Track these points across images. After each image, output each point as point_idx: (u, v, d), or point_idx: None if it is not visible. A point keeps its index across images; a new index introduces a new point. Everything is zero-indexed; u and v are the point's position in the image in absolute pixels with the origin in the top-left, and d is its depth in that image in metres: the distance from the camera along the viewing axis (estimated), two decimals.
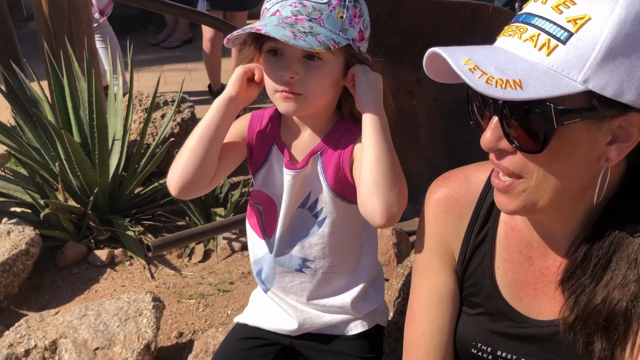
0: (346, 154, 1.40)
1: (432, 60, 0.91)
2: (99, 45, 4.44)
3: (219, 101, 1.40)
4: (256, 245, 1.57)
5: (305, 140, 1.44)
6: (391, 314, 2.10)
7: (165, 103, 3.65)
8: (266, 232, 1.53)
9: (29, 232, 2.66)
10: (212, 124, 1.38)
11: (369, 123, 1.30)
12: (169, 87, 5.15)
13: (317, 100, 1.34)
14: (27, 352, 2.00)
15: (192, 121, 3.60)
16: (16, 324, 2.11)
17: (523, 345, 1.12)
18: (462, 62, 0.85)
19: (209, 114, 1.40)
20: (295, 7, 1.28)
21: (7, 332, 2.09)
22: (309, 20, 1.28)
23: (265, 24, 1.24)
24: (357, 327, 1.57)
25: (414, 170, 2.99)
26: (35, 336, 2.03)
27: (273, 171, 1.47)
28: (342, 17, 1.29)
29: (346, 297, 1.54)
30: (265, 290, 1.61)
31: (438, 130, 3.04)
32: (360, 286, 1.54)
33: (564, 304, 1.03)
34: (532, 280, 1.10)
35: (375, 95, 1.32)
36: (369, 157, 1.29)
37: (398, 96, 2.86)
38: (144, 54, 6.03)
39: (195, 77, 5.41)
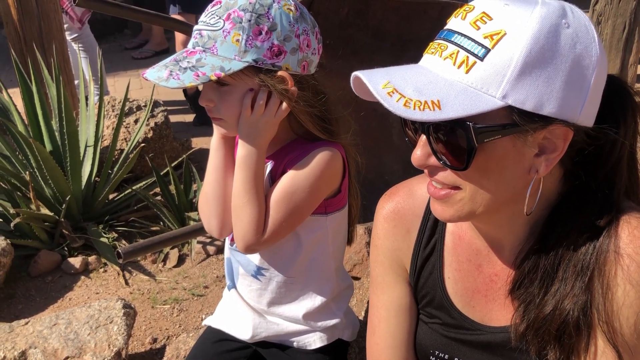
0: (282, 167, 1.41)
1: (359, 82, 0.90)
2: (82, 55, 4.40)
3: (213, 144, 1.46)
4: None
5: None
6: (362, 313, 2.11)
7: (139, 108, 3.62)
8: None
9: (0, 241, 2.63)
10: (219, 165, 1.46)
11: (237, 157, 1.37)
12: (145, 91, 5.12)
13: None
14: None
15: (166, 125, 3.58)
16: None
17: (479, 351, 1.12)
18: (381, 85, 0.84)
19: (211, 158, 1.47)
20: (195, 38, 1.31)
21: None
22: (204, 50, 1.29)
23: (154, 67, 1.29)
24: (316, 342, 1.57)
25: (387, 168, 2.99)
26: (4, 347, 2.01)
27: None
28: (238, 41, 1.27)
29: (300, 308, 1.54)
30: (229, 287, 1.62)
31: None
32: (319, 299, 1.54)
33: (515, 312, 1.03)
34: (482, 288, 1.10)
35: (248, 131, 1.34)
36: (233, 189, 1.39)
37: None
38: (119, 58, 5.98)
39: None
